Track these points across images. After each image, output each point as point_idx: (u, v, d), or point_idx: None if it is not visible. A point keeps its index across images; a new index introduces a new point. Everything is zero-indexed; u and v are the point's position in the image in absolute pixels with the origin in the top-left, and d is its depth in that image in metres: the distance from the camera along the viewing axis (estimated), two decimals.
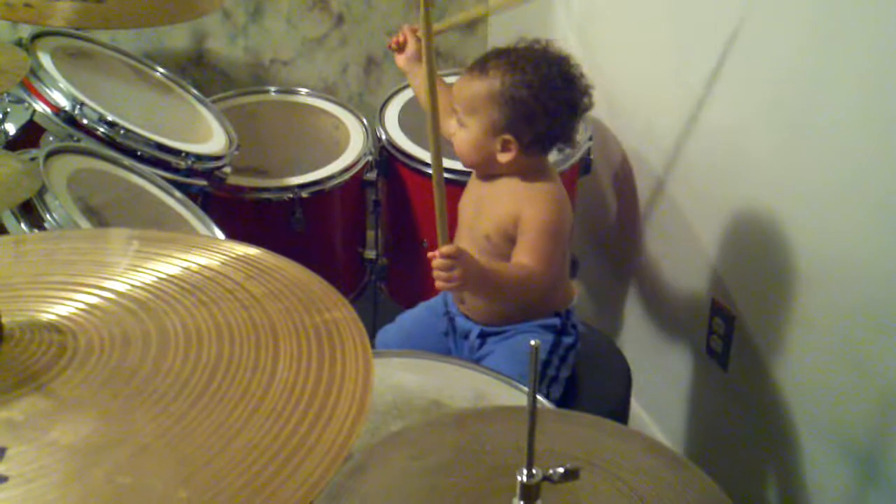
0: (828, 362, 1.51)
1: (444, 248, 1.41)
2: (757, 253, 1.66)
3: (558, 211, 1.54)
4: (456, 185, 1.79)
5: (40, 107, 1.59)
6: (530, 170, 1.55)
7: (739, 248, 1.70)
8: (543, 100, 1.49)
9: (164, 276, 0.87)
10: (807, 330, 1.54)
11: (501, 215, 1.54)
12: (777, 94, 1.53)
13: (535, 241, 1.51)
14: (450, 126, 1.58)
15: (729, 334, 1.74)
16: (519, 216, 1.52)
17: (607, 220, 2.16)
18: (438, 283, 1.43)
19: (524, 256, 1.51)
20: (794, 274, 1.55)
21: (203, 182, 1.72)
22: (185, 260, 0.91)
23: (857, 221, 1.40)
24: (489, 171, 1.58)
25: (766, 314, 1.65)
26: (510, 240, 1.54)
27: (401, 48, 1.82)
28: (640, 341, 2.07)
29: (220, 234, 1.60)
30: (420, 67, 1.76)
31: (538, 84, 1.49)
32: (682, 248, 1.87)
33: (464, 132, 1.55)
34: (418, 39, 1.80)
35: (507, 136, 1.51)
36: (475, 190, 1.63)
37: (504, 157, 1.53)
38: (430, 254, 1.44)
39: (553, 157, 1.64)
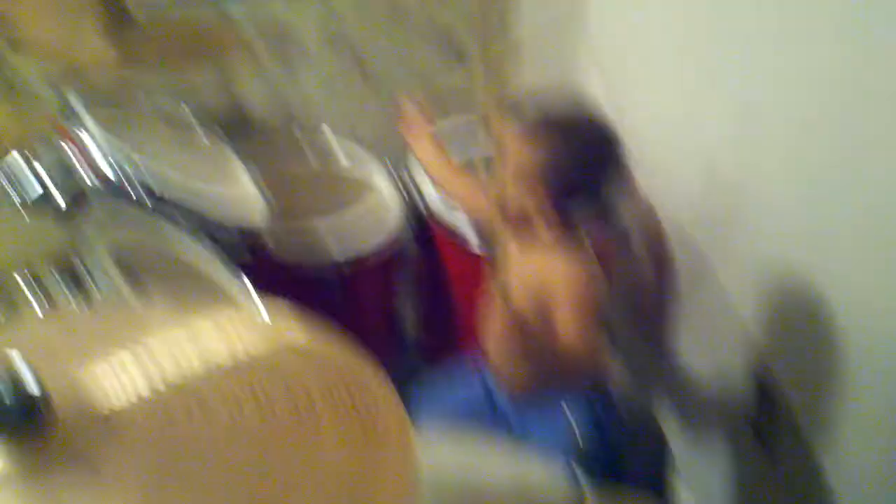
0: (879, 441, 1.48)
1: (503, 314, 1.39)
2: (804, 326, 1.63)
3: (594, 281, 1.54)
4: (488, 259, 1.81)
5: (89, 175, 1.63)
6: (562, 240, 1.55)
7: (786, 320, 1.68)
8: (587, 169, 1.51)
9: (208, 354, 0.88)
10: (857, 408, 1.51)
11: (533, 285, 1.54)
12: (801, 145, 1.52)
13: (576, 311, 1.51)
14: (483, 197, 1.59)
15: (773, 411, 1.71)
16: (552, 287, 1.52)
17: (643, 289, 2.15)
18: (501, 345, 1.39)
19: (562, 327, 1.51)
20: (843, 349, 1.52)
21: (246, 253, 1.74)
22: (229, 336, 0.92)
23: None
24: (521, 237, 1.58)
25: (813, 391, 1.62)
26: (542, 310, 1.53)
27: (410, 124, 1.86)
28: (678, 413, 2.04)
29: (261, 307, 1.61)
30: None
31: (581, 154, 1.50)
32: (724, 321, 1.85)
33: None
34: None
35: (547, 205, 1.52)
36: (507, 257, 1.63)
37: (540, 226, 1.54)
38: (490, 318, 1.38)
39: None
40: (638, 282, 2.14)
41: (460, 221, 1.98)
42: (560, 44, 2.29)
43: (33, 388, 0.74)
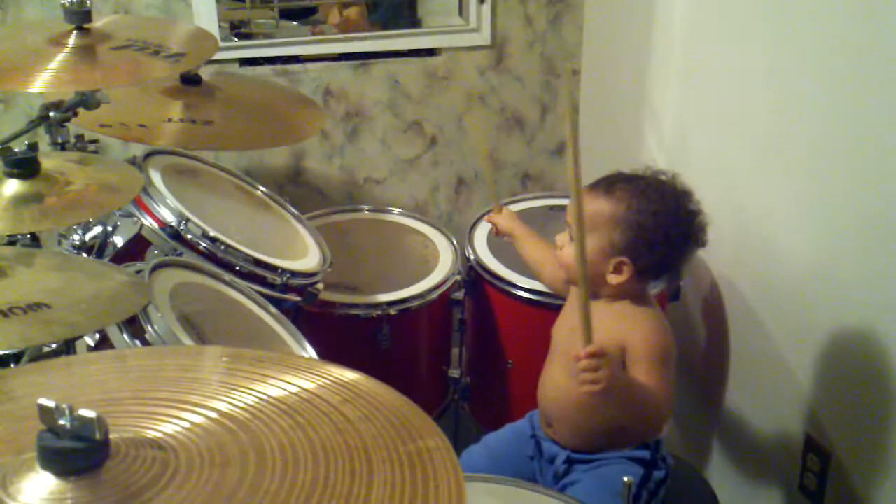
0: None
1: (590, 348, 1.36)
2: (854, 386, 1.61)
3: (666, 335, 1.54)
4: (549, 309, 1.80)
5: (148, 221, 1.67)
6: (634, 295, 1.55)
7: (835, 380, 1.66)
8: (665, 229, 1.52)
9: (263, 396, 0.89)
10: None
11: (604, 340, 1.53)
12: (875, 218, 1.51)
13: (654, 367, 1.50)
14: (559, 241, 1.60)
15: (824, 472, 1.68)
16: (626, 342, 1.51)
17: (696, 348, 2.13)
18: (584, 387, 1.37)
19: (646, 381, 1.49)
20: (891, 409, 1.50)
21: (296, 298, 1.76)
22: (283, 380, 0.93)
23: None
24: (592, 292, 1.57)
25: (865, 452, 1.59)
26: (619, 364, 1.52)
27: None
28: (728, 475, 2.00)
29: (311, 351, 1.63)
30: (519, 230, 1.89)
31: (663, 213, 1.51)
32: (774, 379, 1.83)
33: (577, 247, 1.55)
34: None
35: (623, 259, 1.51)
36: (572, 314, 1.62)
37: (615, 279, 1.53)
38: (575, 354, 1.39)
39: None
40: (693, 341, 2.12)
41: (508, 270, 1.99)
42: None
43: (96, 431, 0.75)
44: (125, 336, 1.40)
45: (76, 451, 0.74)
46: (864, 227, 1.54)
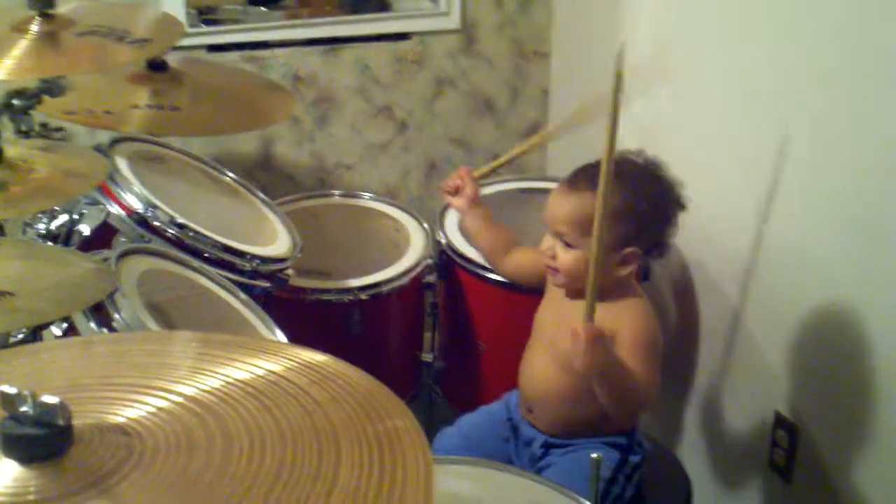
0: None
1: (592, 327, 1.37)
2: (822, 363, 1.63)
3: (653, 325, 1.54)
4: (520, 292, 1.81)
5: (115, 209, 1.65)
6: (625, 286, 1.55)
7: (803, 358, 1.67)
8: (662, 207, 1.54)
9: (229, 380, 0.89)
10: (875, 444, 1.50)
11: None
12: (844, 197, 1.52)
13: (642, 356, 1.50)
14: (546, 247, 1.58)
15: (793, 448, 1.70)
16: (616, 332, 1.51)
17: (666, 329, 2.14)
18: (586, 359, 1.38)
19: (635, 369, 1.49)
20: (861, 385, 1.51)
21: (266, 283, 1.75)
22: (251, 364, 0.92)
23: None
24: (573, 285, 1.57)
25: (832, 427, 1.61)
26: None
27: (456, 191, 1.86)
28: (700, 453, 2.02)
29: (281, 336, 1.62)
30: (475, 210, 1.85)
31: (655, 192, 1.53)
32: (744, 358, 1.84)
33: (578, 253, 1.52)
34: (474, 181, 1.87)
35: (631, 249, 1.51)
36: (558, 305, 1.62)
37: (624, 271, 1.53)
38: (574, 328, 1.39)
39: None
40: (663, 322, 2.13)
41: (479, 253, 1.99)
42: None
43: (59, 418, 0.74)
44: (92, 324, 1.38)
45: (39, 438, 0.73)
46: (832, 206, 1.55)
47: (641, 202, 1.51)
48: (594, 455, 0.86)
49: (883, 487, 1.50)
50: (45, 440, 0.74)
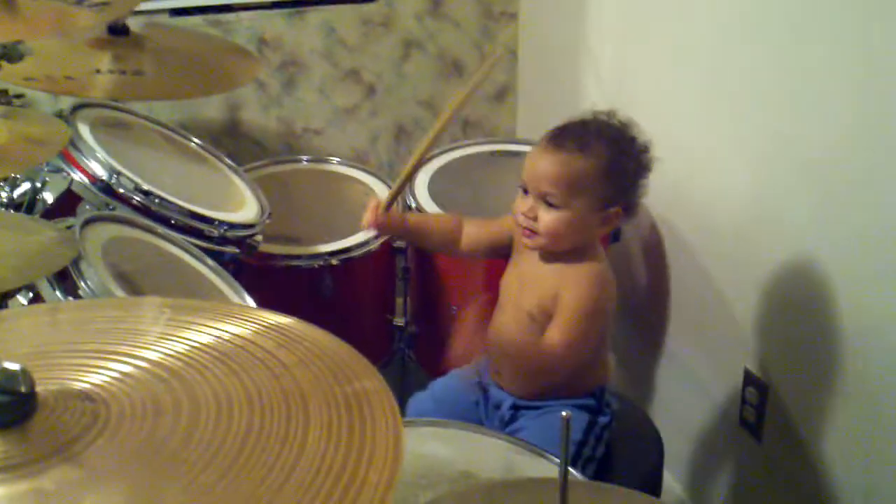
0: (865, 432, 1.48)
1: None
2: (791, 321, 1.64)
3: (600, 292, 1.54)
4: (499, 258, 1.80)
5: (78, 176, 1.62)
6: (587, 248, 1.55)
7: (773, 316, 1.68)
8: (639, 164, 1.53)
9: (196, 345, 0.88)
10: (843, 399, 1.52)
11: (544, 293, 1.54)
12: (812, 156, 1.53)
13: (568, 321, 1.51)
14: (519, 208, 1.54)
15: (762, 404, 1.72)
16: (558, 295, 1.52)
17: (637, 288, 2.15)
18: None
19: (554, 334, 1.51)
20: (829, 342, 1.53)
21: (235, 250, 1.74)
22: (217, 328, 0.91)
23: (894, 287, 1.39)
24: (566, 248, 1.56)
25: (801, 383, 1.63)
26: (551, 318, 1.53)
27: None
28: (672, 411, 2.04)
29: (251, 302, 1.61)
30: (396, 229, 1.79)
31: (633, 150, 1.53)
32: (714, 317, 1.85)
33: (563, 213, 1.50)
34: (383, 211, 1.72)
35: (615, 209, 1.52)
36: (521, 266, 1.62)
37: (605, 230, 1.56)
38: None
39: None
40: (633, 282, 2.14)
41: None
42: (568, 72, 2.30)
43: (21, 384, 0.73)
44: (58, 293, 1.36)
45: (1, 406, 0.72)
46: (800, 165, 1.56)
47: (629, 162, 1.52)
48: (564, 413, 0.87)
49: (850, 442, 1.52)
50: (7, 407, 0.73)
